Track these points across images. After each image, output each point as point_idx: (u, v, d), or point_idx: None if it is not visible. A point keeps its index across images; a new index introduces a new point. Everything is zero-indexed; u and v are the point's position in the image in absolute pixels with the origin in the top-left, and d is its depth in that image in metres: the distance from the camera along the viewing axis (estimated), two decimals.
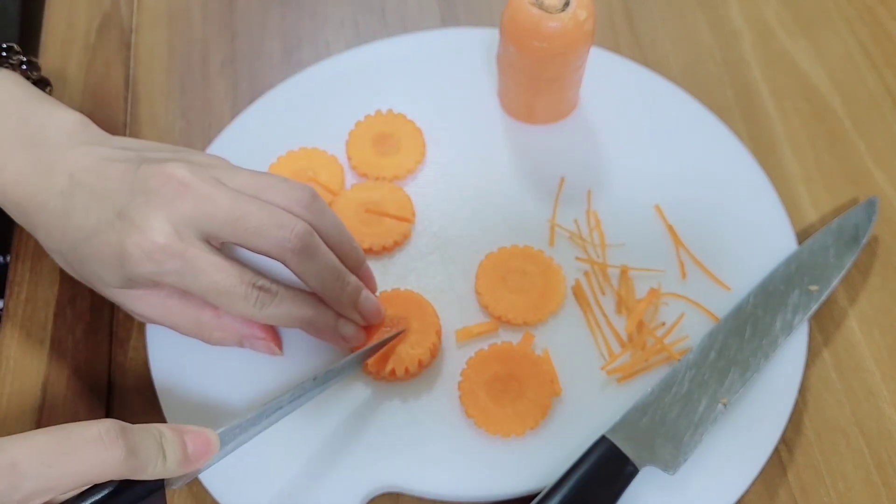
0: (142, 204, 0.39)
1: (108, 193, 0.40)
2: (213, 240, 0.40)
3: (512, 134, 0.57)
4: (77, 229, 0.40)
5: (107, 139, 0.43)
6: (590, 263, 0.51)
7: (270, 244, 0.40)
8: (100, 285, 0.43)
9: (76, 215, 0.40)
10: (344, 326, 0.45)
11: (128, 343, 0.50)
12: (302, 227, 0.40)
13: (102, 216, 0.40)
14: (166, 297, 0.43)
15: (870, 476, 0.45)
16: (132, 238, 0.39)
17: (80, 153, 0.41)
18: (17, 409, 0.47)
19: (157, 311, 0.43)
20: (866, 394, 0.48)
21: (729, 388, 0.45)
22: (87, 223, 0.40)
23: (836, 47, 0.62)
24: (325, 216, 0.43)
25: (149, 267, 0.39)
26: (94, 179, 0.40)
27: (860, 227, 0.51)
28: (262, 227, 0.40)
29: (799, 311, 0.48)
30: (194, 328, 0.44)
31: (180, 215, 0.39)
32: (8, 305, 0.51)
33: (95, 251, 0.40)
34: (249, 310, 0.40)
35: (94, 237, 0.40)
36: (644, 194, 0.53)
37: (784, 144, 0.57)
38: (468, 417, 0.45)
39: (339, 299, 0.43)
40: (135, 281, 0.41)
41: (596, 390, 0.47)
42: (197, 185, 0.40)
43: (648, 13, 0.64)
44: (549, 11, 0.48)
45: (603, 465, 0.42)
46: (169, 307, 0.43)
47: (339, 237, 0.44)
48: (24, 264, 0.52)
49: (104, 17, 0.63)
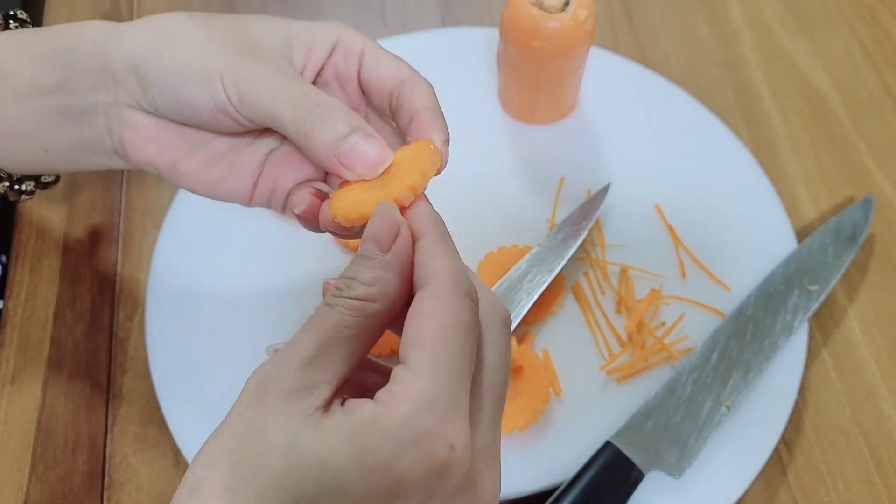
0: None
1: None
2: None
3: (512, 134, 0.56)
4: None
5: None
6: (590, 263, 0.51)
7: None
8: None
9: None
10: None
11: (128, 343, 0.50)
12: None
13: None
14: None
15: (870, 476, 0.45)
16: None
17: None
18: (18, 409, 0.47)
19: None
20: (866, 394, 0.48)
21: (732, 390, 0.45)
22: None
23: (836, 47, 0.62)
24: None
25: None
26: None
27: (858, 226, 0.51)
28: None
29: (799, 312, 0.48)
30: None
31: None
32: (8, 306, 0.51)
33: None
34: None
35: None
36: (644, 194, 0.53)
37: (784, 144, 0.57)
38: None
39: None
40: None
41: (596, 390, 0.47)
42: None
43: (648, 13, 0.64)
44: (549, 11, 0.48)
45: (609, 471, 0.42)
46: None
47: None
48: (24, 265, 0.52)
49: (104, 16, 0.63)
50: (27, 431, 0.47)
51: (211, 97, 0.34)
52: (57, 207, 0.54)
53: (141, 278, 0.52)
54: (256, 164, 0.38)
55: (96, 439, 0.47)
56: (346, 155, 0.33)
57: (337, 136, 0.33)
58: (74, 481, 0.45)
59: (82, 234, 0.54)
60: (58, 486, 0.45)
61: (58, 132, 0.38)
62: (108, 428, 0.47)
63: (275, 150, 0.38)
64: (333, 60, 0.37)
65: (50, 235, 0.53)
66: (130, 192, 0.55)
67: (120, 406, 0.48)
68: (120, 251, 0.53)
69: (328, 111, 0.34)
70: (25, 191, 0.43)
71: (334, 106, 0.34)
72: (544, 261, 0.48)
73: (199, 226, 0.52)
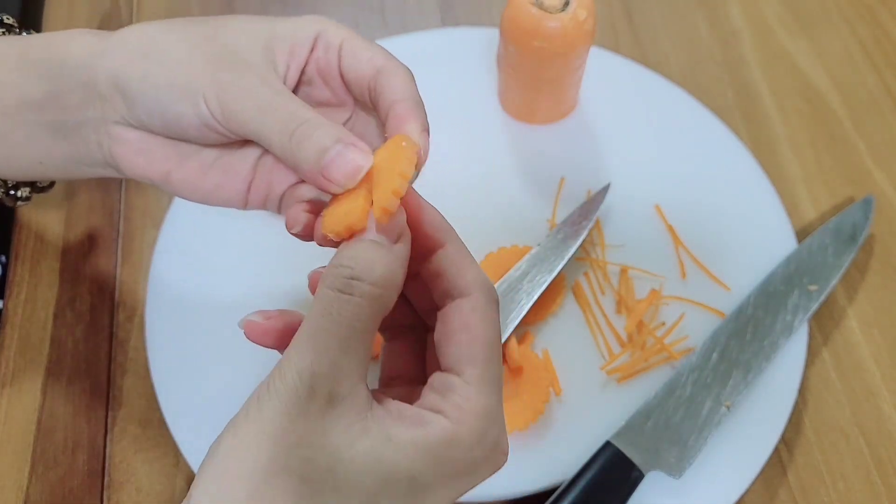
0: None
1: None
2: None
3: (512, 134, 0.56)
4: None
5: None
6: (590, 263, 0.51)
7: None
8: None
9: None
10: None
11: (128, 343, 0.50)
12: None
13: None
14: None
15: (870, 476, 0.45)
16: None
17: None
18: (18, 409, 0.47)
19: None
20: (866, 394, 0.48)
21: (732, 390, 0.45)
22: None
23: (836, 47, 0.62)
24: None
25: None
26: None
27: (857, 226, 0.51)
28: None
29: (799, 312, 0.48)
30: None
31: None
32: (8, 306, 0.51)
33: None
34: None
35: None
36: (644, 194, 0.53)
37: (784, 144, 0.57)
38: None
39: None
40: None
41: (596, 390, 0.47)
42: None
43: (648, 13, 0.64)
44: (549, 11, 0.48)
45: (609, 471, 0.42)
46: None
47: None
48: (24, 265, 0.52)
49: (104, 16, 0.63)
50: (27, 431, 0.47)
51: (196, 115, 0.34)
52: (56, 208, 0.54)
53: (140, 279, 0.52)
54: (248, 168, 0.38)
55: (96, 439, 0.47)
56: (328, 168, 0.33)
57: (319, 151, 0.33)
58: (74, 481, 0.45)
59: (82, 234, 0.54)
60: (58, 486, 0.45)
61: (50, 146, 0.38)
62: (108, 428, 0.47)
63: (265, 153, 0.38)
64: (315, 56, 0.37)
65: (50, 236, 0.53)
66: (130, 193, 0.55)
67: (120, 406, 0.48)
68: (119, 252, 0.53)
69: (312, 128, 0.33)
70: (21, 197, 0.43)
71: (317, 122, 0.34)
72: (544, 261, 0.48)
73: (198, 227, 0.52)
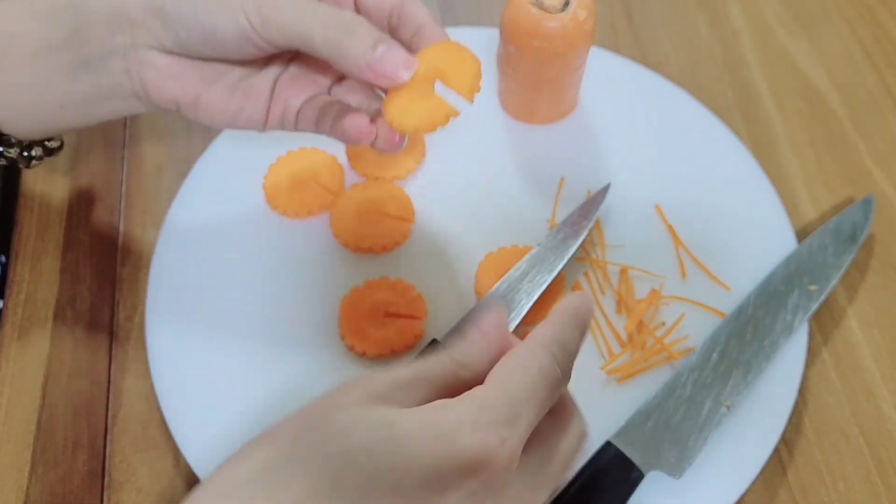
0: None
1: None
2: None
3: (512, 134, 0.57)
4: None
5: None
6: (590, 263, 0.51)
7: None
8: None
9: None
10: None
11: (128, 343, 0.50)
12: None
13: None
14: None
15: (870, 476, 0.45)
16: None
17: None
18: (18, 409, 0.47)
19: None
20: (866, 394, 0.48)
21: (732, 390, 0.45)
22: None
23: (836, 47, 0.62)
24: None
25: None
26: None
27: (858, 226, 0.51)
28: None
29: (799, 312, 0.48)
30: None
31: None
32: (8, 306, 0.51)
33: None
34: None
35: None
36: (644, 194, 0.53)
37: (784, 144, 0.57)
38: None
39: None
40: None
41: (596, 390, 0.47)
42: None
43: (648, 13, 0.64)
44: (549, 11, 0.48)
45: (609, 471, 0.42)
46: None
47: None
48: (24, 264, 0.52)
49: None
50: (27, 431, 0.47)
51: (236, 26, 0.37)
52: (56, 207, 0.54)
53: (141, 278, 0.52)
54: (268, 89, 0.42)
55: (96, 439, 0.47)
56: (378, 63, 0.37)
57: (366, 47, 0.37)
58: (74, 481, 0.45)
59: (82, 233, 0.54)
60: (58, 486, 0.45)
61: (72, 86, 0.39)
62: (108, 428, 0.47)
63: (281, 74, 0.42)
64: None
65: (49, 235, 0.53)
66: (130, 192, 0.55)
67: (120, 406, 0.48)
68: (119, 251, 0.53)
69: (354, 26, 0.37)
70: (35, 156, 0.44)
71: (359, 21, 0.38)
72: (544, 261, 0.48)
73: (198, 226, 0.52)
